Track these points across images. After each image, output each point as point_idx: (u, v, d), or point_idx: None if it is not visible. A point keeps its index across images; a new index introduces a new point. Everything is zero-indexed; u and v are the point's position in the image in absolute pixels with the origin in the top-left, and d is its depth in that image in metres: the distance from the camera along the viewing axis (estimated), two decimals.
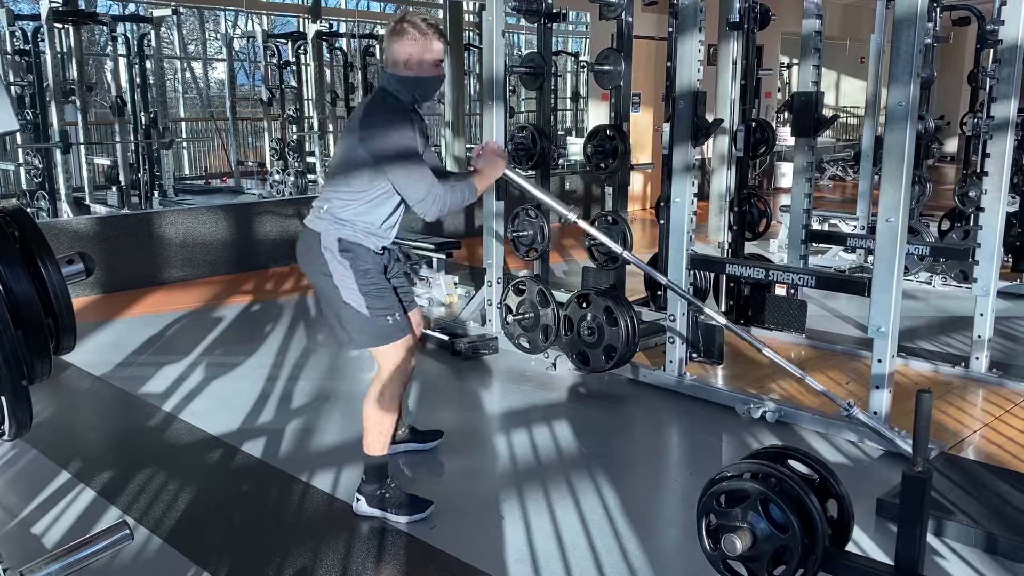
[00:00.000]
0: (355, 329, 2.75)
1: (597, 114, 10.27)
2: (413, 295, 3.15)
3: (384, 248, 2.84)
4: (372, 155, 2.65)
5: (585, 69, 12.44)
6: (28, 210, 7.32)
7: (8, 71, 8.07)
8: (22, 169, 8.06)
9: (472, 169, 2.96)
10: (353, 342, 2.80)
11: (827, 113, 4.90)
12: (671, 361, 4.01)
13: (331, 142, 10.39)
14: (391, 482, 2.83)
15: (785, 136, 8.86)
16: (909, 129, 3.07)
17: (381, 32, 11.39)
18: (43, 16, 7.52)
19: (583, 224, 3.53)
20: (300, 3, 11.63)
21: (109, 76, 8.78)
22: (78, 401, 4.08)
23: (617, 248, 3.67)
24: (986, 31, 6.04)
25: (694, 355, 4.12)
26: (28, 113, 7.75)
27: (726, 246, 5.10)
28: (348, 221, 2.73)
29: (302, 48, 10.15)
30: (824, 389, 3.31)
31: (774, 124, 6.75)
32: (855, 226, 6.70)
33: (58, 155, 7.71)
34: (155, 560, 2.58)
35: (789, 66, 13.73)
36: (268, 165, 10.20)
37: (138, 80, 8.61)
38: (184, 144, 11.85)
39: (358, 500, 2.83)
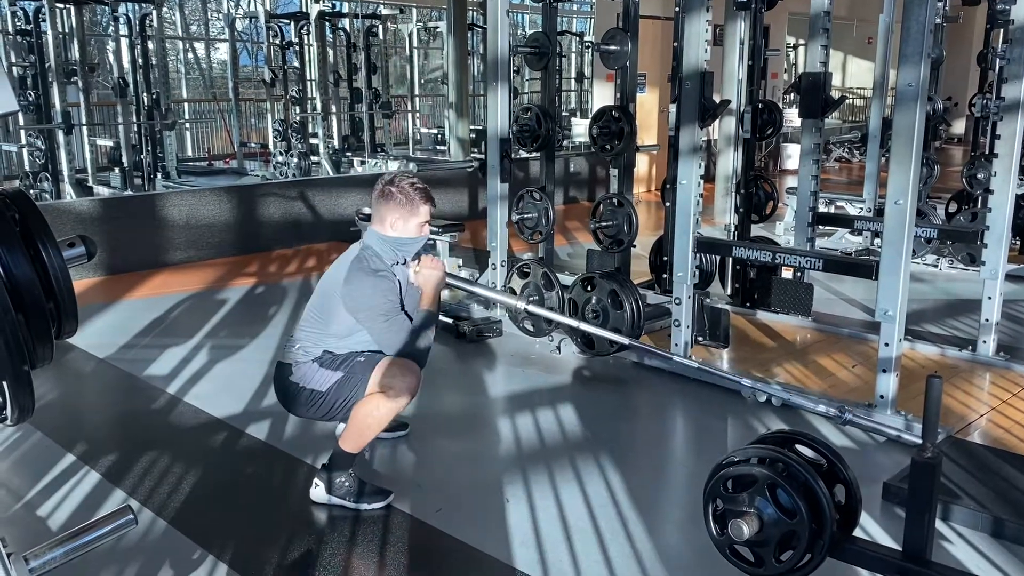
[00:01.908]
0: (347, 392, 2.75)
1: (602, 95, 10.20)
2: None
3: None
4: (355, 316, 2.76)
5: (590, 49, 12.35)
6: (31, 192, 7.34)
7: (10, 52, 8.03)
8: (25, 151, 8.05)
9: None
10: (357, 395, 2.75)
11: (834, 94, 4.84)
12: (676, 344, 3.99)
13: (334, 123, 10.36)
14: (352, 471, 2.80)
15: (792, 117, 8.82)
16: (919, 110, 3.03)
17: (384, 12, 11.34)
18: None
19: (536, 310, 3.78)
20: None
21: (111, 57, 8.77)
22: (82, 384, 4.08)
23: (573, 322, 3.83)
24: (996, 11, 5.96)
25: (699, 338, 4.10)
26: (30, 94, 7.73)
27: (732, 228, 5.07)
28: (319, 355, 2.81)
29: (305, 28, 10.09)
30: (814, 407, 3.29)
31: (781, 105, 6.69)
32: (862, 208, 6.66)
33: (61, 136, 7.69)
34: (160, 542, 2.58)
35: (796, 46, 13.62)
36: (271, 146, 10.17)
37: (140, 61, 8.58)
38: (187, 125, 11.83)
39: (316, 486, 2.80)
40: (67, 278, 1.43)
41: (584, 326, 3.74)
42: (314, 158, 9.88)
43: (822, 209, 5.50)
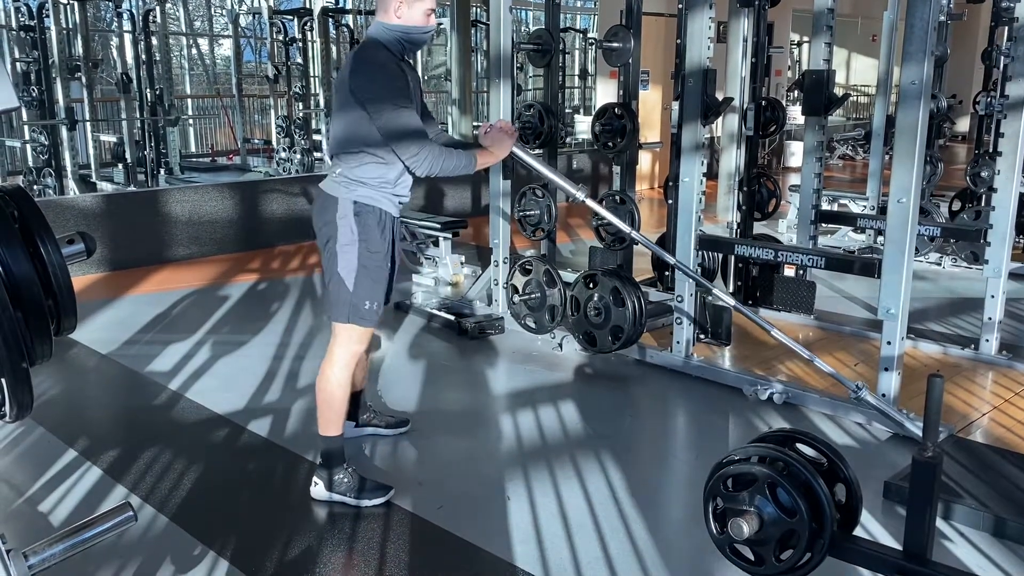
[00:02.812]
0: (334, 299, 2.74)
1: (605, 92, 10.18)
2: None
3: (399, 212, 2.82)
4: (364, 108, 2.60)
5: (593, 46, 12.32)
6: (34, 187, 7.34)
7: (14, 47, 8.03)
8: (28, 146, 8.05)
9: (478, 145, 2.92)
10: (328, 312, 2.80)
11: (838, 92, 4.83)
12: (678, 342, 3.99)
13: None
14: (348, 466, 2.79)
15: (795, 115, 8.80)
16: (922, 108, 3.02)
17: None
18: None
19: (592, 203, 3.47)
20: None
21: (115, 52, 8.77)
22: (84, 379, 4.09)
23: (625, 228, 3.61)
24: (1001, 8, 5.94)
25: (701, 336, 4.10)
26: (34, 90, 7.73)
27: (735, 226, 5.06)
28: (362, 180, 2.68)
29: (308, 24, 10.08)
30: (833, 371, 3.28)
31: (784, 103, 6.68)
32: (865, 206, 6.64)
33: (64, 132, 7.69)
34: (161, 538, 2.59)
35: (800, 44, 13.58)
36: (274, 143, 10.16)
37: (144, 56, 8.57)
38: (190, 121, 11.81)
39: (316, 484, 2.80)
40: (66, 275, 1.43)
41: (635, 234, 3.63)
42: (317, 154, 9.87)
43: (825, 207, 5.49)
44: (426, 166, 2.66)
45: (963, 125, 14.47)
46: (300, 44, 10.14)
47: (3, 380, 1.34)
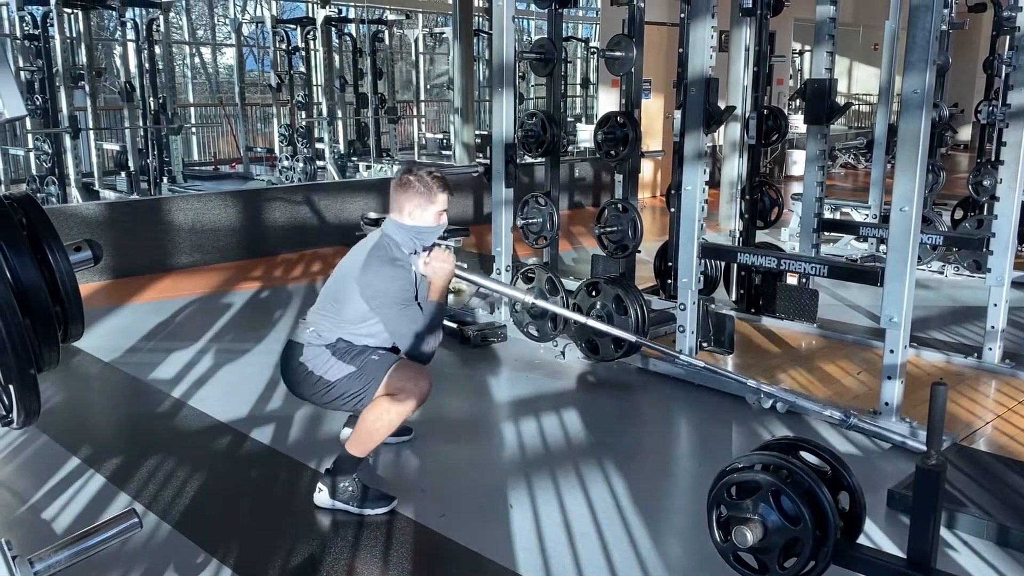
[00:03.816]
0: (358, 390, 2.77)
1: (607, 101, 10.21)
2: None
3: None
4: (368, 304, 2.76)
5: (595, 55, 12.36)
6: (37, 195, 7.36)
7: (18, 56, 8.07)
8: (32, 154, 8.08)
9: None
10: (366, 400, 2.77)
11: (840, 100, 4.84)
12: (681, 350, 3.98)
13: (340, 127, 10.39)
14: (356, 476, 2.80)
15: (797, 123, 8.81)
16: (924, 117, 3.03)
17: (390, 18, 11.36)
18: (52, 1, 7.50)
19: (543, 303, 3.70)
20: None
21: (118, 61, 8.81)
22: (87, 387, 4.09)
23: (580, 318, 3.71)
24: (1002, 18, 5.95)
25: (704, 344, 4.10)
26: (38, 98, 7.77)
27: (737, 234, 5.07)
28: (332, 342, 2.81)
29: (311, 33, 10.12)
30: (818, 408, 3.21)
31: (786, 111, 6.70)
32: (867, 215, 6.65)
33: (67, 140, 7.73)
34: (164, 546, 2.58)
35: (802, 53, 13.61)
36: (277, 151, 10.19)
37: (147, 65, 8.62)
38: (193, 130, 11.86)
39: (320, 491, 2.80)
40: (74, 282, 1.44)
41: (591, 322, 3.68)
42: (320, 163, 9.90)
43: (827, 215, 5.50)
44: (428, 354, 2.84)
45: (965, 134, 14.49)
46: (303, 53, 10.18)
47: (11, 386, 1.34)
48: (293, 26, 10.37)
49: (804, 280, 4.80)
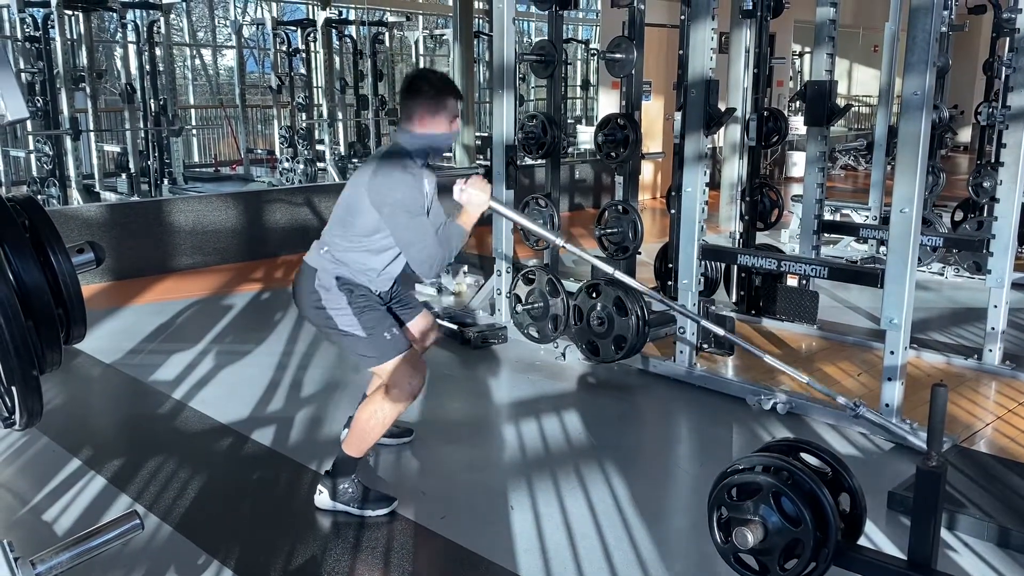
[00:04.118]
0: (358, 352, 2.76)
1: (608, 103, 10.21)
2: (416, 301, 3.13)
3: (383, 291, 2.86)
4: (379, 211, 2.66)
5: (596, 57, 12.36)
6: (38, 197, 7.36)
7: (19, 58, 8.07)
8: (33, 156, 8.08)
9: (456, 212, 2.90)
10: (361, 363, 2.81)
11: (840, 102, 4.85)
12: (681, 352, 3.99)
13: (340, 129, 10.40)
14: (356, 477, 2.79)
15: (797, 125, 8.81)
16: (924, 118, 3.03)
17: (390, 19, 11.37)
18: (53, 3, 7.51)
19: (573, 249, 3.46)
20: None
21: (119, 63, 8.81)
22: (88, 389, 4.10)
23: (608, 269, 3.52)
24: (1002, 19, 5.96)
25: (704, 346, 4.10)
26: (38, 100, 7.77)
27: (737, 236, 5.07)
28: (346, 264, 2.74)
29: (311, 35, 10.13)
30: (829, 390, 3.23)
31: (786, 113, 6.70)
32: (867, 216, 6.65)
33: (68, 142, 7.73)
34: (165, 548, 2.59)
35: (802, 54, 13.62)
36: (278, 153, 10.20)
37: (148, 67, 8.62)
38: (193, 131, 11.86)
39: (320, 493, 2.80)
40: (76, 284, 1.44)
41: (619, 275, 3.53)
42: (320, 164, 9.90)
43: (827, 217, 5.50)
44: (432, 273, 2.76)
45: (965, 136, 14.49)
46: (303, 55, 10.18)
47: (14, 388, 1.34)
48: (293, 28, 10.37)
49: (804, 282, 4.80)
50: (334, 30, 10.22)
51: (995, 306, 4.01)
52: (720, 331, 3.30)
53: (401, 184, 2.65)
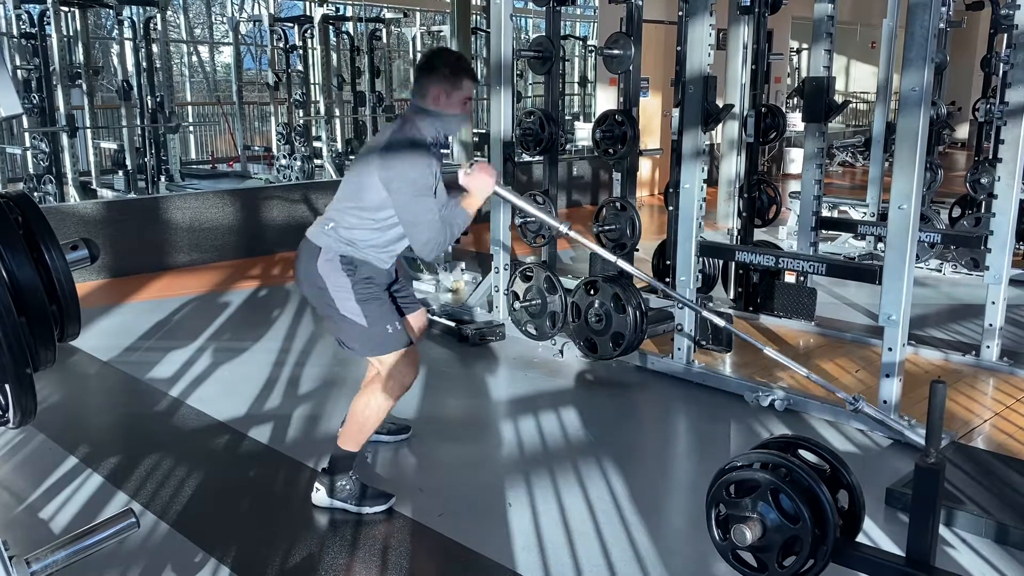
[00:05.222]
0: (355, 339, 2.73)
1: (605, 99, 10.21)
2: (415, 298, 3.12)
3: (391, 264, 2.84)
4: (387, 187, 2.63)
5: (593, 53, 12.35)
6: (35, 194, 7.35)
7: (15, 55, 8.04)
8: (29, 153, 8.06)
9: (461, 192, 2.88)
10: (354, 351, 2.78)
11: (838, 99, 4.84)
12: (679, 348, 3.98)
13: (338, 126, 10.38)
14: (353, 474, 2.79)
15: (795, 122, 8.81)
16: (923, 115, 3.03)
17: (388, 16, 11.34)
18: None
19: (577, 236, 3.44)
20: None
21: (115, 60, 8.80)
22: (85, 386, 4.08)
23: (611, 257, 3.50)
24: (1000, 16, 5.97)
25: (702, 343, 4.10)
26: (35, 97, 7.74)
27: (735, 233, 5.06)
28: (352, 241, 2.71)
29: (308, 32, 10.11)
30: (829, 384, 3.23)
31: (784, 110, 6.69)
32: (865, 213, 6.65)
33: (64, 139, 7.70)
34: (162, 546, 2.58)
35: (800, 51, 13.62)
36: (275, 150, 10.17)
37: (144, 64, 8.59)
38: (190, 128, 11.83)
39: (317, 490, 2.79)
40: (70, 281, 1.43)
41: (621, 262, 3.51)
42: (317, 161, 9.88)
43: (825, 213, 5.49)
44: (432, 253, 2.74)
45: (963, 132, 14.48)
46: (300, 51, 10.16)
47: (7, 386, 1.33)
48: (291, 24, 10.35)
49: (802, 278, 4.79)
50: (331, 26, 10.20)
51: (993, 302, 4.00)
52: (720, 321, 3.30)
53: (411, 162, 2.63)
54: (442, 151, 2.80)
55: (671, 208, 4.68)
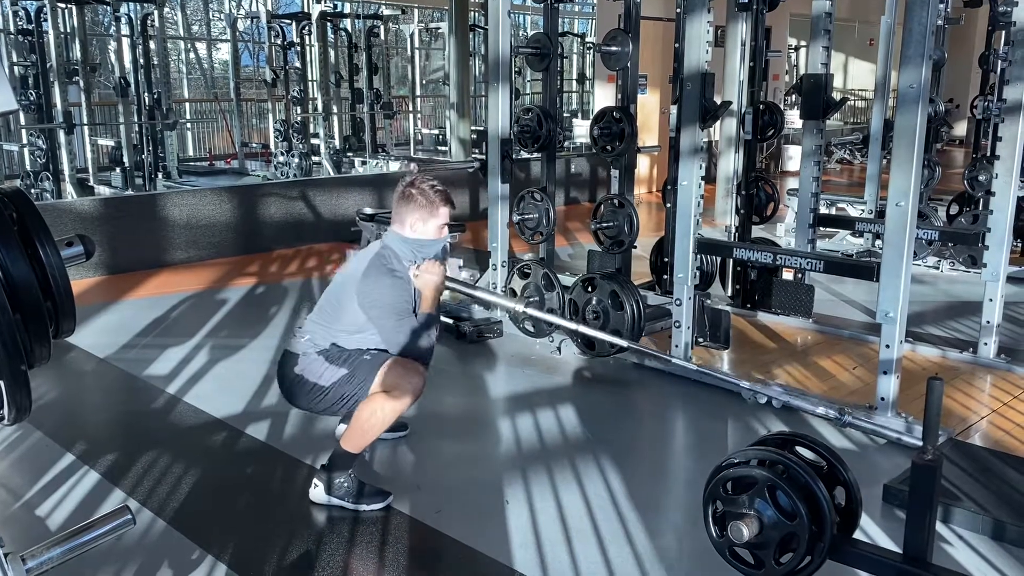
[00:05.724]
0: (352, 387, 2.77)
1: (603, 96, 10.20)
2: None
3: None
4: (366, 313, 2.77)
5: (591, 50, 12.34)
6: (32, 191, 7.34)
7: (12, 51, 8.03)
8: (26, 150, 8.05)
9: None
10: (357, 396, 2.77)
11: (836, 96, 4.84)
12: (677, 346, 3.98)
13: (335, 123, 10.37)
14: (352, 472, 2.79)
15: (793, 119, 8.81)
16: (920, 112, 3.02)
17: (386, 13, 11.33)
18: None
19: (534, 312, 3.56)
20: None
21: (113, 56, 8.78)
22: (82, 383, 4.08)
23: (571, 325, 3.70)
24: (998, 12, 5.95)
25: (700, 340, 4.10)
26: (32, 94, 7.73)
27: (733, 230, 5.06)
28: (328, 342, 2.83)
29: (306, 29, 10.09)
30: (814, 408, 3.26)
31: (782, 107, 6.69)
32: (863, 210, 6.65)
33: (62, 136, 7.69)
34: (159, 543, 2.58)
35: (798, 48, 13.61)
36: (272, 147, 10.16)
37: (142, 60, 8.58)
38: (188, 125, 11.82)
39: (315, 487, 2.79)
40: (65, 277, 1.42)
41: (583, 328, 3.72)
42: (315, 158, 9.87)
43: (823, 211, 5.49)
44: (430, 357, 2.85)
45: (960, 129, 14.47)
46: (298, 48, 10.14)
47: (2, 383, 1.33)
48: (288, 21, 10.33)
49: (800, 275, 4.79)
50: (329, 23, 10.19)
51: (990, 300, 4.00)
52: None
53: (389, 288, 2.76)
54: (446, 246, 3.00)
55: (669, 205, 4.67)
